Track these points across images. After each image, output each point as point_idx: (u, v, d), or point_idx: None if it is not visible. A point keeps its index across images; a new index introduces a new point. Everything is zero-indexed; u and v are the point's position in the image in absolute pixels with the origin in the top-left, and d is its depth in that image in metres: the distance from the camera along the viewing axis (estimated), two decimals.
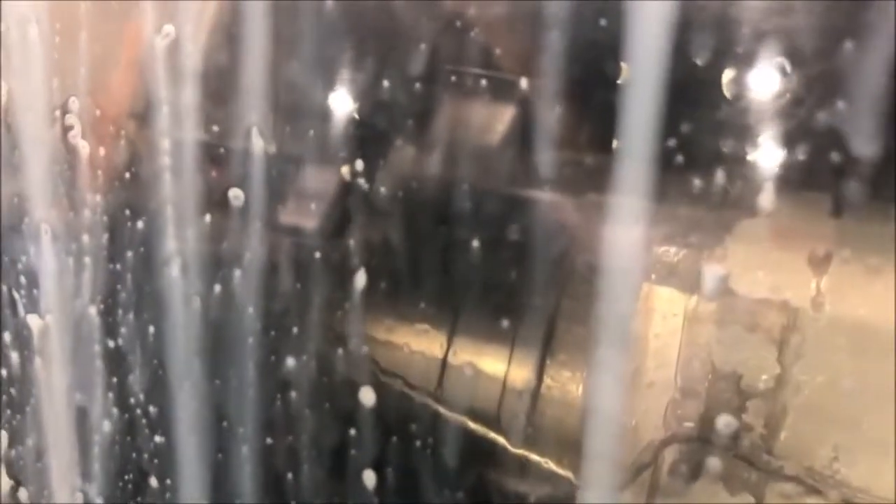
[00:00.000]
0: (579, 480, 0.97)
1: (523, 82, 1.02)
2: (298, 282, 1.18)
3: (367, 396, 1.13)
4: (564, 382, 1.11)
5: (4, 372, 1.51)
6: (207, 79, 1.20)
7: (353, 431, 1.14)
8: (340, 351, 1.16)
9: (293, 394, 1.20)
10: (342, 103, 1.17)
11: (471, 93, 1.10)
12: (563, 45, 0.93)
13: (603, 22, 0.90)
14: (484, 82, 1.07)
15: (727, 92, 0.88)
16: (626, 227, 0.84)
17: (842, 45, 0.81)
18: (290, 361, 1.20)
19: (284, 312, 1.20)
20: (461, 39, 1.08)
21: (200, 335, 1.27)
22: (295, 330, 1.19)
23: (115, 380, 1.39)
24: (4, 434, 1.55)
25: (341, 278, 1.13)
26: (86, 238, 1.36)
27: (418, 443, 1.13)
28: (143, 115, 1.28)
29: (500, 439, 1.13)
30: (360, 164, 1.13)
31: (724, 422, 0.94)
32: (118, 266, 1.35)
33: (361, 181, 1.13)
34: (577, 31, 0.92)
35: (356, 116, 1.17)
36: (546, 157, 0.98)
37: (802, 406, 0.92)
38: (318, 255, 1.16)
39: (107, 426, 1.41)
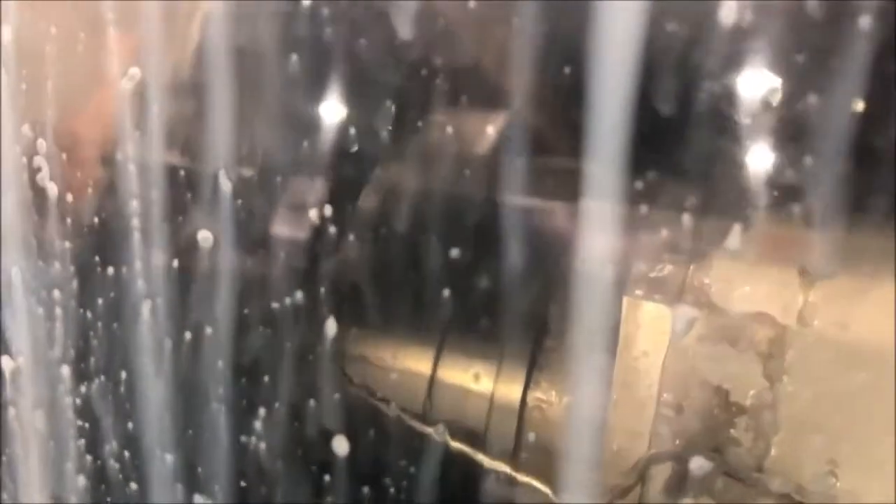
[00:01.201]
0: (566, 499, 0.97)
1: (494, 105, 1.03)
2: (276, 309, 1.19)
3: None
4: (550, 401, 1.12)
5: None
6: (174, 120, 1.21)
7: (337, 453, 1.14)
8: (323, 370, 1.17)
9: (272, 417, 1.21)
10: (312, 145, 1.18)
11: (440, 126, 1.12)
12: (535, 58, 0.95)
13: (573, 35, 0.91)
14: (453, 109, 1.09)
15: (712, 103, 0.89)
16: (610, 244, 0.85)
17: (825, 56, 0.83)
18: (268, 385, 1.20)
19: (262, 338, 1.21)
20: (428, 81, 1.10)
21: (172, 381, 1.27)
22: (275, 355, 1.20)
23: (87, 426, 1.39)
24: None
25: (321, 301, 1.14)
26: (56, 284, 1.36)
27: (404, 462, 1.14)
28: (110, 157, 1.28)
29: (486, 459, 1.13)
30: (335, 182, 1.14)
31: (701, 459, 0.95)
32: (88, 312, 1.35)
33: (337, 205, 1.14)
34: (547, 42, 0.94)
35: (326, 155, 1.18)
36: (526, 177, 0.99)
37: (791, 421, 0.93)
38: (296, 274, 1.17)
39: (81, 480, 1.41)
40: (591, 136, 0.82)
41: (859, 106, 0.82)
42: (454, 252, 1.08)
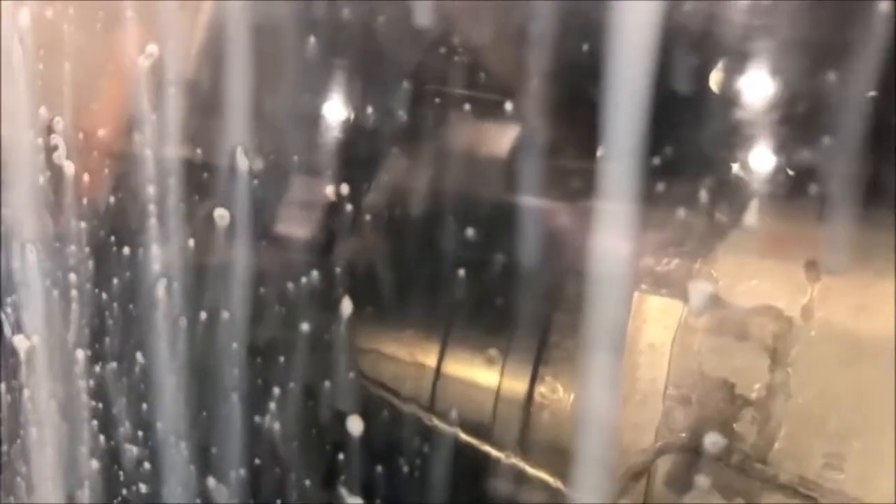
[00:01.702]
0: (572, 491, 0.98)
1: (509, 100, 1.04)
2: (287, 295, 1.21)
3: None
4: (557, 393, 1.13)
5: None
6: (191, 98, 1.23)
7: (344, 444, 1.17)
8: (332, 367, 1.19)
9: (282, 403, 1.23)
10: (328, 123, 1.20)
11: (457, 111, 1.12)
12: (548, 55, 0.96)
13: (588, 29, 0.91)
14: (470, 101, 1.10)
15: (717, 100, 0.91)
16: (616, 238, 0.85)
17: (830, 56, 0.84)
18: (280, 378, 1.22)
19: (274, 327, 1.22)
20: (446, 62, 1.11)
21: (187, 361, 1.29)
22: (286, 345, 1.22)
23: (100, 407, 1.41)
24: None
25: (332, 293, 1.16)
26: (71, 263, 1.37)
27: (410, 454, 1.15)
28: (126, 137, 1.29)
29: (493, 451, 1.15)
30: (347, 179, 1.16)
31: (716, 435, 0.97)
32: (102, 292, 1.37)
33: (350, 196, 1.16)
34: (561, 38, 0.95)
35: (342, 136, 1.20)
36: (534, 172, 1.00)
37: (795, 414, 0.94)
38: (307, 267, 1.18)
39: (94, 464, 1.43)
40: (603, 132, 0.84)
41: (871, 98, 0.83)
42: (463, 246, 1.10)
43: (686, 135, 0.90)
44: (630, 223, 0.85)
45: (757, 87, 0.90)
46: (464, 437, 1.16)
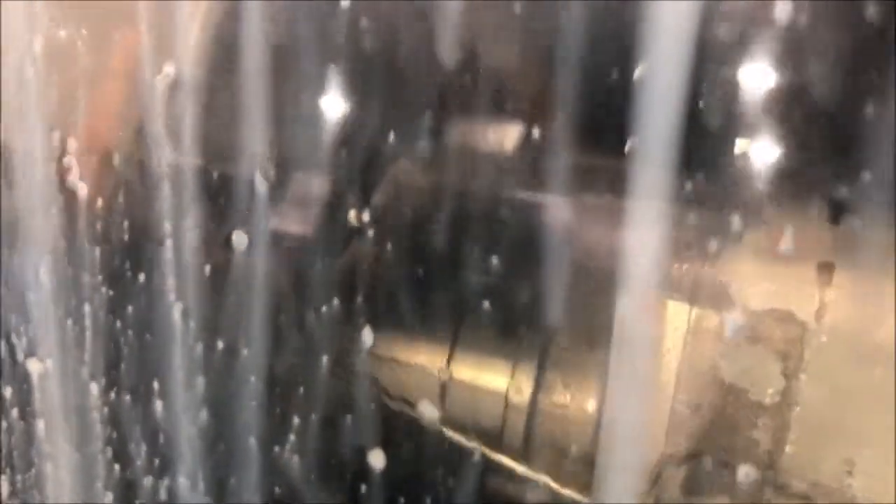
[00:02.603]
0: (584, 497, 1.00)
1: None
2: (302, 303, 1.25)
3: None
4: (566, 398, 1.15)
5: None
6: (208, 115, 1.27)
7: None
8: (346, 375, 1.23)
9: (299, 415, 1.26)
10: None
11: (476, 112, 1.16)
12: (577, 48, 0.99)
13: (618, 25, 0.95)
14: (490, 98, 1.13)
15: (730, 101, 0.93)
16: (628, 241, 0.88)
17: (843, 53, 0.87)
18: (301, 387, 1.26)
19: (290, 337, 1.25)
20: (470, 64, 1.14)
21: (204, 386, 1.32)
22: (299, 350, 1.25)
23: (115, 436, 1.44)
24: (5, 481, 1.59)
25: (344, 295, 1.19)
26: (84, 286, 1.40)
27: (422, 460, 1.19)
28: (138, 156, 1.33)
29: (502, 457, 1.17)
30: (360, 179, 1.19)
31: (748, 467, 0.99)
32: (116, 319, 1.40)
33: (362, 198, 1.20)
34: (592, 33, 0.98)
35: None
36: (546, 170, 1.04)
37: (809, 419, 0.96)
38: (320, 273, 1.21)
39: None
40: (628, 134, 0.87)
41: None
42: (473, 252, 1.13)
43: (697, 136, 0.92)
44: (650, 224, 0.89)
45: (770, 86, 0.93)
46: (467, 441, 1.19)
